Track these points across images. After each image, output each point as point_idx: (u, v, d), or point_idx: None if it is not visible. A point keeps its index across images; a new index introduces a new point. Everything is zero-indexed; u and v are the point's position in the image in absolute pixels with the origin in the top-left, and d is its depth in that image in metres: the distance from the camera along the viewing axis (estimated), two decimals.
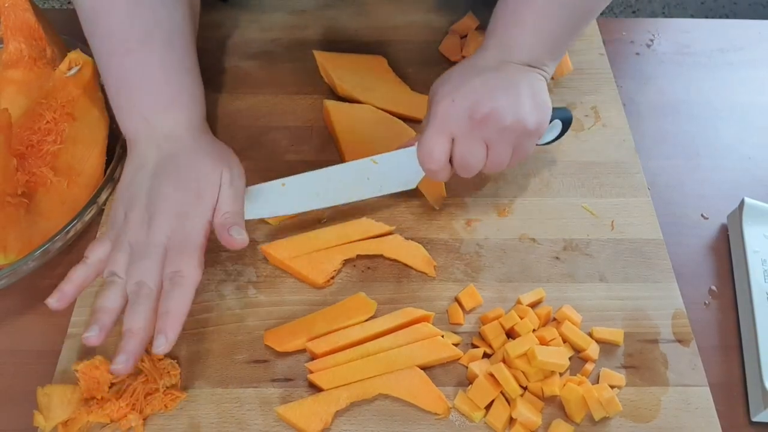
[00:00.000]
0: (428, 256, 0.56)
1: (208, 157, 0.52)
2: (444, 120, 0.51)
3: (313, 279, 0.54)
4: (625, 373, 0.51)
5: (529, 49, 0.54)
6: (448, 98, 0.51)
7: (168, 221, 0.48)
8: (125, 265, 0.47)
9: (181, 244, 0.48)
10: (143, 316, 0.45)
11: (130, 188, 0.50)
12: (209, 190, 0.50)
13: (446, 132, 0.51)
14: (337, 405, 0.48)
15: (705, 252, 0.59)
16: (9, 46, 0.61)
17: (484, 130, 0.51)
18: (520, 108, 0.51)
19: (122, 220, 0.49)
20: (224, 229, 0.49)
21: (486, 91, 0.51)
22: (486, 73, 0.52)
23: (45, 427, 0.47)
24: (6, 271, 0.51)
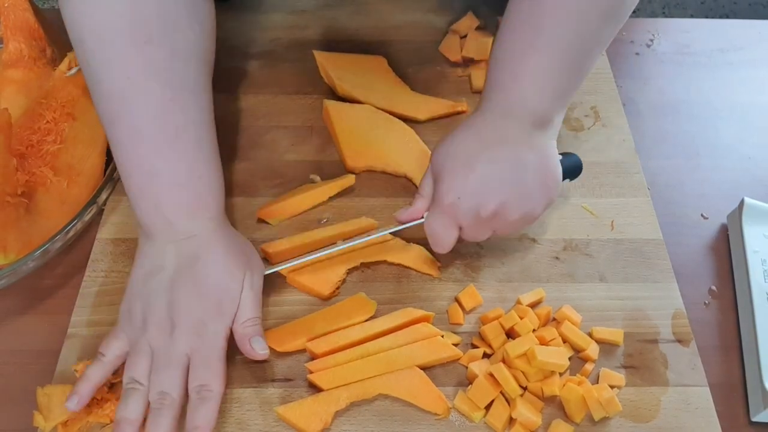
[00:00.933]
0: (431, 257, 0.56)
1: (229, 260, 0.49)
2: (451, 215, 0.50)
3: (319, 291, 0.54)
4: (625, 373, 0.51)
5: (535, 104, 0.50)
6: (452, 193, 0.49)
7: (190, 332, 0.47)
8: (147, 372, 0.46)
9: (205, 357, 0.47)
10: (165, 428, 0.45)
11: (146, 286, 0.48)
12: (230, 299, 0.49)
13: (454, 225, 0.50)
14: (337, 405, 0.48)
15: (705, 252, 0.59)
16: (9, 46, 0.61)
17: (492, 223, 0.50)
18: (528, 199, 0.49)
19: (140, 321, 0.47)
20: (246, 340, 0.48)
21: (492, 185, 0.48)
22: (491, 150, 0.49)
23: (45, 427, 0.47)
24: (6, 270, 0.51)
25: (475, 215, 0.49)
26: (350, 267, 0.55)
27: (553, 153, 0.52)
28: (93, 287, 0.54)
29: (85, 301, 0.54)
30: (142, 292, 0.49)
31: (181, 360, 0.47)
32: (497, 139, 0.50)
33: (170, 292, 0.48)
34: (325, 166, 0.62)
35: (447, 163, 0.50)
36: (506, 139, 0.50)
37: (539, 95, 0.50)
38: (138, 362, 0.47)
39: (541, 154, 0.51)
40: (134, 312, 0.48)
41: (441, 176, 0.50)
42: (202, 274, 0.49)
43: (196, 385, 0.46)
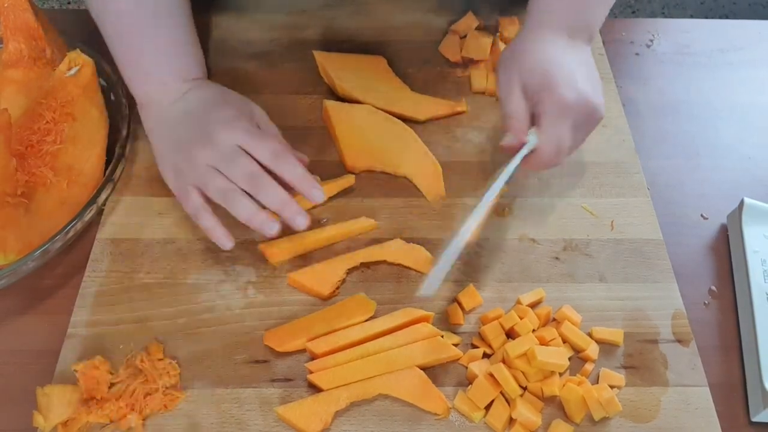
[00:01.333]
0: (431, 257, 0.56)
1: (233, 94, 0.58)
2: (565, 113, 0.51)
3: (319, 291, 0.54)
4: (625, 374, 0.51)
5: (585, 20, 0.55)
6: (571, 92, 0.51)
7: (227, 130, 0.52)
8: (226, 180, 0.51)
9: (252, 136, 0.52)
10: (278, 189, 0.51)
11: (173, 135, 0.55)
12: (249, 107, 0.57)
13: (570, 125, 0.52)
14: (337, 405, 0.48)
15: (705, 252, 0.59)
16: (9, 46, 0.61)
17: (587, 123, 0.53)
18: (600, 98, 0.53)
19: (186, 162, 0.53)
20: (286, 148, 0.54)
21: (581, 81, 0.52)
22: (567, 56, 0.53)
23: (44, 427, 0.47)
24: (6, 271, 0.51)
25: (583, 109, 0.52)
26: (350, 267, 0.55)
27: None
28: (93, 287, 0.54)
29: (85, 301, 0.54)
30: (171, 143, 0.55)
31: (237, 149, 0.52)
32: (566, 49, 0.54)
33: (194, 124, 0.54)
34: (325, 166, 0.62)
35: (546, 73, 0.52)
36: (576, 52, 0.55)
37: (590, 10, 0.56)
38: (214, 182, 0.51)
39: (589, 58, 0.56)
40: (179, 164, 0.53)
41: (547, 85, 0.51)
42: (218, 100, 0.56)
43: (266, 154, 0.51)
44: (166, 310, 0.54)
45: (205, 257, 0.56)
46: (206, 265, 0.56)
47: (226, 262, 0.56)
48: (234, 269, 0.56)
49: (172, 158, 0.54)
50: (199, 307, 0.54)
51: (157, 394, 0.48)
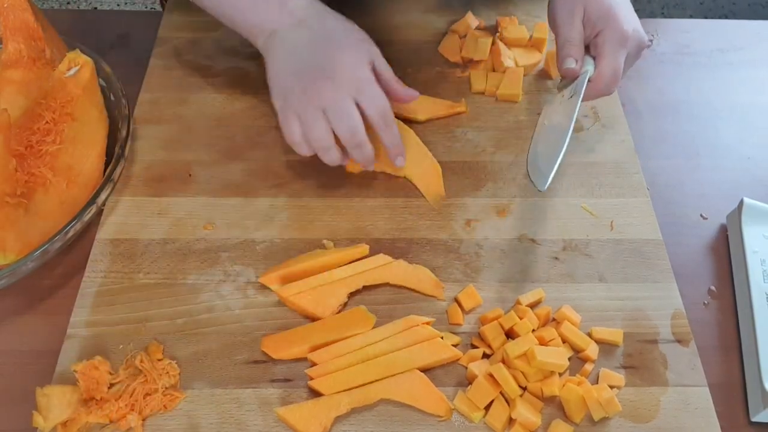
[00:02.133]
0: (435, 278, 0.55)
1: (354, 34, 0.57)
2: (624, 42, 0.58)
3: (320, 315, 0.53)
4: (625, 374, 0.51)
5: None
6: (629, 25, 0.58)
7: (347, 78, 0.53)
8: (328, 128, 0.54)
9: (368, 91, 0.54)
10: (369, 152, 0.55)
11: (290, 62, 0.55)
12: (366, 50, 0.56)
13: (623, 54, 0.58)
14: (338, 410, 0.48)
15: (704, 252, 0.59)
16: (8, 47, 0.61)
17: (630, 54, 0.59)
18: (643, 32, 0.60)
19: (300, 94, 0.53)
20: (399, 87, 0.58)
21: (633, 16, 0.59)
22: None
23: (44, 427, 0.47)
24: (5, 271, 0.51)
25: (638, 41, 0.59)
26: (352, 291, 0.54)
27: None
28: (92, 287, 0.54)
29: (85, 302, 0.54)
30: (290, 72, 0.55)
31: (349, 101, 0.53)
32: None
33: (315, 58, 0.54)
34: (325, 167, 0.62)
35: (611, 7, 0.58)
36: None
37: None
38: (315, 126, 0.53)
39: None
40: (291, 88, 0.54)
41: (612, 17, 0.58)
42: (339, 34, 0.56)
43: (377, 114, 0.54)
44: (166, 310, 0.54)
45: (205, 257, 0.56)
46: (206, 266, 0.56)
47: (226, 263, 0.56)
48: (234, 269, 0.56)
49: (288, 81, 0.54)
50: (198, 308, 0.54)
51: (156, 394, 0.48)
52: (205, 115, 0.66)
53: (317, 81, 0.53)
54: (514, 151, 0.64)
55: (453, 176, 0.62)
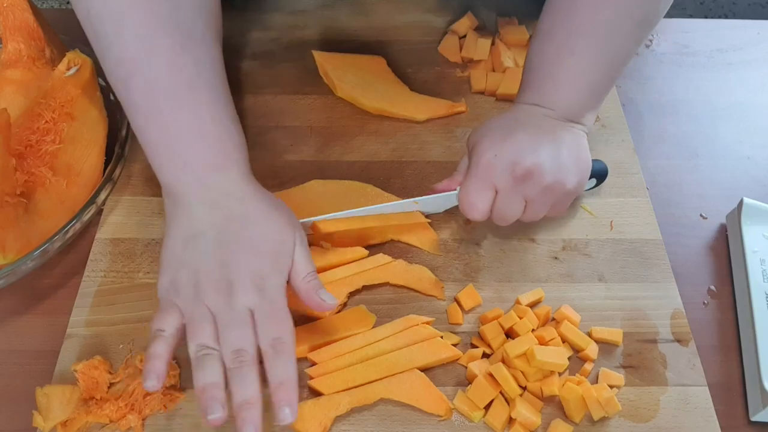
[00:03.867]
0: (435, 277, 0.55)
1: (277, 218, 0.49)
2: (487, 173, 0.51)
3: (320, 315, 0.52)
4: (624, 373, 0.51)
5: (568, 103, 0.53)
6: (491, 152, 0.51)
7: (249, 288, 0.46)
8: (214, 335, 0.45)
9: (269, 311, 0.46)
10: (254, 385, 0.43)
11: (188, 251, 0.47)
12: (286, 253, 0.48)
13: (489, 185, 0.51)
14: (338, 410, 0.48)
15: (704, 252, 0.59)
16: (8, 46, 0.61)
17: (525, 186, 0.51)
18: (561, 168, 0.51)
19: (191, 288, 0.46)
20: (313, 293, 0.48)
21: (529, 147, 0.50)
22: (528, 127, 0.52)
23: (44, 427, 0.47)
24: (5, 271, 0.51)
25: (510, 173, 0.50)
26: (351, 290, 0.54)
27: (584, 142, 0.54)
28: (92, 287, 0.54)
29: (84, 301, 0.54)
30: (185, 259, 0.47)
31: (246, 316, 0.45)
32: (534, 122, 0.53)
33: (220, 251, 0.46)
34: (325, 167, 0.62)
35: (485, 135, 0.53)
36: (543, 124, 0.53)
37: (573, 94, 0.53)
38: (202, 328, 0.45)
39: (576, 139, 0.53)
40: (181, 281, 0.46)
41: (478, 143, 0.52)
42: (253, 230, 0.47)
43: (269, 340, 0.45)
44: None
45: None
46: None
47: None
48: None
49: (176, 272, 0.47)
50: None
51: (156, 394, 0.48)
52: None
53: (210, 286, 0.45)
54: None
55: None
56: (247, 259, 0.46)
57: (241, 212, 0.48)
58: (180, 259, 0.47)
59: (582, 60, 0.52)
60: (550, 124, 0.53)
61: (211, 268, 0.46)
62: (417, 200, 0.57)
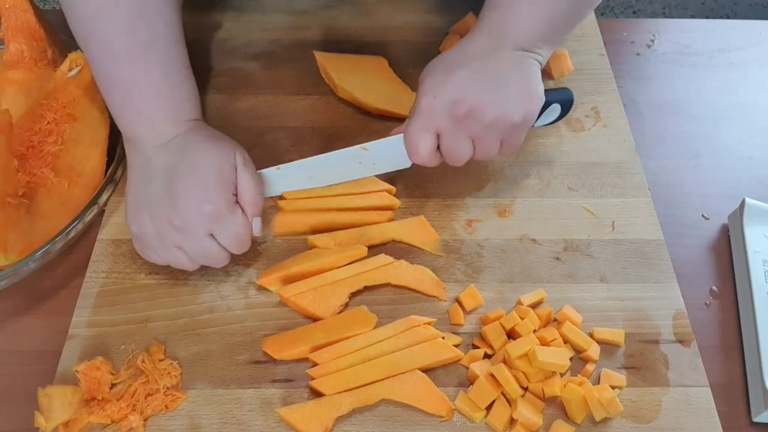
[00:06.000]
0: (436, 278, 0.55)
1: (217, 145, 0.53)
2: (427, 116, 0.51)
3: (320, 315, 0.53)
4: (626, 374, 0.51)
5: (523, 32, 0.52)
6: (430, 93, 0.50)
7: (202, 221, 0.50)
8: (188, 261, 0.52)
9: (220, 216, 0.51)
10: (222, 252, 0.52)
11: (146, 192, 0.52)
12: (227, 174, 0.52)
13: (430, 127, 0.51)
14: (339, 411, 0.48)
15: (706, 252, 0.59)
16: (10, 47, 0.61)
17: (467, 125, 0.50)
18: (504, 102, 0.50)
19: (152, 229, 0.51)
20: (249, 218, 0.53)
21: (468, 86, 0.50)
22: (472, 62, 0.51)
23: (46, 427, 0.47)
24: (7, 271, 0.51)
25: (450, 114, 0.50)
26: (353, 291, 0.54)
27: (535, 73, 0.52)
28: (94, 288, 0.55)
29: (86, 302, 0.54)
30: (143, 201, 0.51)
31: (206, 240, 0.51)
32: (482, 53, 0.52)
33: (170, 188, 0.51)
34: None
35: (428, 73, 0.52)
36: (490, 55, 0.51)
37: (529, 21, 0.52)
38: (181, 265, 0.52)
39: (524, 71, 0.52)
40: (143, 225, 0.51)
41: (421, 83, 0.52)
42: (194, 158, 0.52)
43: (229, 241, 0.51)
44: (167, 310, 0.54)
45: None
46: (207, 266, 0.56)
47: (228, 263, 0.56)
48: (235, 270, 0.56)
49: (138, 217, 0.51)
50: (200, 308, 0.54)
51: (158, 394, 0.48)
52: (205, 115, 0.66)
53: (166, 221, 0.50)
54: (515, 151, 0.64)
55: (454, 176, 0.62)
56: (193, 189, 0.50)
57: (183, 146, 0.53)
58: (139, 202, 0.52)
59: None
60: (499, 56, 0.51)
61: (166, 207, 0.50)
62: (366, 146, 0.56)
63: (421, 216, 0.58)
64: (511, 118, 0.50)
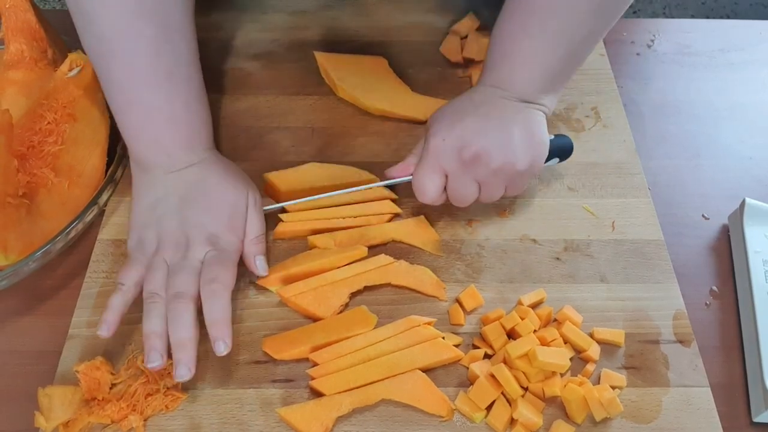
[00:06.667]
0: (437, 278, 0.55)
1: (232, 182, 0.54)
2: (435, 158, 0.52)
3: (321, 315, 0.53)
4: (626, 374, 0.51)
5: (522, 86, 0.53)
6: (439, 136, 0.51)
7: (204, 242, 0.51)
8: (164, 283, 0.49)
9: (216, 259, 0.50)
10: (188, 326, 0.47)
11: (155, 212, 0.52)
12: (239, 214, 0.53)
13: (438, 169, 0.52)
14: (339, 411, 0.48)
15: (706, 252, 0.59)
16: (10, 47, 0.61)
17: (473, 169, 0.52)
18: (511, 149, 0.51)
19: (154, 245, 0.51)
20: (252, 257, 0.53)
21: (477, 131, 0.51)
22: (480, 109, 0.52)
23: (46, 427, 0.47)
24: (7, 271, 0.51)
25: (458, 157, 0.51)
26: (353, 291, 0.54)
27: (540, 121, 0.54)
28: (94, 288, 0.55)
29: (86, 302, 0.54)
30: (151, 220, 0.52)
31: (194, 266, 0.50)
32: (488, 103, 0.53)
33: (181, 212, 0.51)
34: None
35: (437, 118, 0.54)
36: (496, 105, 0.53)
37: (527, 75, 0.53)
38: (155, 276, 0.49)
39: (529, 119, 0.53)
40: (146, 239, 0.51)
41: (430, 127, 0.53)
42: (210, 193, 0.52)
43: (206, 280, 0.49)
44: None
45: None
46: None
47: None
48: None
49: (142, 230, 0.52)
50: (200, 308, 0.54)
51: (158, 394, 0.48)
52: None
53: (168, 241, 0.50)
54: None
55: None
56: (203, 217, 0.51)
57: (200, 178, 0.53)
58: (146, 220, 0.52)
59: (537, 41, 0.52)
60: (504, 105, 0.53)
61: (173, 225, 0.51)
62: (373, 186, 0.57)
63: (421, 216, 0.59)
64: (516, 165, 0.52)
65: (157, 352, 0.46)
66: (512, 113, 0.52)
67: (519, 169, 0.52)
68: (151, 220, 0.52)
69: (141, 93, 0.52)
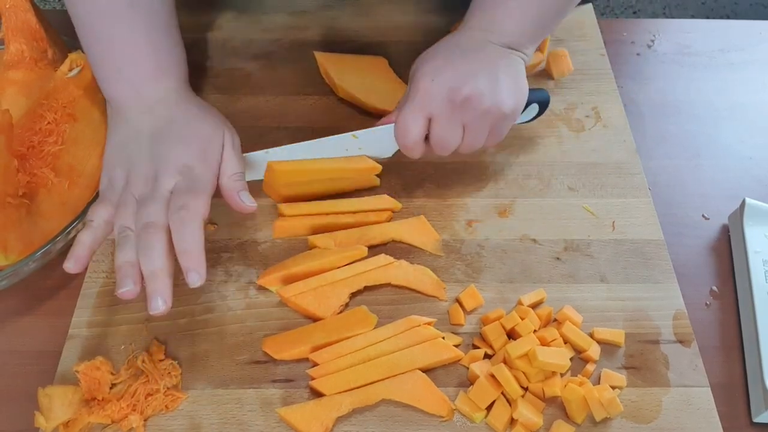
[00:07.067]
0: (437, 278, 0.55)
1: (207, 118, 0.53)
2: (423, 99, 0.52)
3: (321, 316, 0.53)
4: (626, 374, 0.51)
5: (510, 32, 0.54)
6: (428, 77, 0.51)
7: (175, 174, 0.49)
8: (134, 217, 0.48)
9: (186, 187, 0.48)
10: (161, 256, 0.45)
11: (125, 150, 0.51)
12: (214, 148, 0.51)
13: (424, 111, 0.52)
14: (339, 411, 0.48)
15: (706, 252, 0.59)
16: (10, 47, 0.61)
17: (462, 112, 0.52)
18: (499, 92, 0.52)
19: (123, 181, 0.50)
20: (234, 192, 0.51)
21: (467, 74, 0.51)
22: (468, 54, 0.53)
23: (46, 427, 0.47)
24: (7, 271, 0.51)
25: (447, 100, 0.51)
26: (353, 291, 0.54)
27: (521, 69, 0.55)
28: (94, 288, 0.55)
29: (86, 302, 0.54)
30: (121, 158, 0.51)
31: (164, 195, 0.48)
32: (476, 47, 0.54)
33: (151, 148, 0.50)
34: None
35: (425, 60, 0.53)
36: (484, 50, 0.54)
37: (521, 23, 0.54)
38: (125, 211, 0.48)
39: (512, 65, 0.54)
40: (116, 177, 0.50)
41: (418, 69, 0.53)
42: (182, 127, 0.51)
43: (174, 208, 0.47)
44: None
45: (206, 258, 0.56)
46: (207, 266, 0.56)
47: (228, 263, 0.56)
48: (235, 270, 0.56)
49: (113, 170, 0.51)
50: (200, 308, 0.54)
51: (158, 394, 0.48)
52: None
53: (139, 176, 0.49)
54: (516, 152, 0.64)
55: (454, 176, 0.62)
56: (175, 149, 0.50)
57: (172, 114, 0.52)
58: (117, 159, 0.51)
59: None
60: (491, 50, 0.54)
61: (143, 162, 0.50)
62: (356, 134, 0.57)
63: (421, 216, 0.59)
64: (503, 108, 0.52)
65: (129, 279, 0.45)
66: (497, 58, 0.53)
67: (505, 111, 0.52)
68: (121, 159, 0.51)
69: (101, 24, 0.52)
